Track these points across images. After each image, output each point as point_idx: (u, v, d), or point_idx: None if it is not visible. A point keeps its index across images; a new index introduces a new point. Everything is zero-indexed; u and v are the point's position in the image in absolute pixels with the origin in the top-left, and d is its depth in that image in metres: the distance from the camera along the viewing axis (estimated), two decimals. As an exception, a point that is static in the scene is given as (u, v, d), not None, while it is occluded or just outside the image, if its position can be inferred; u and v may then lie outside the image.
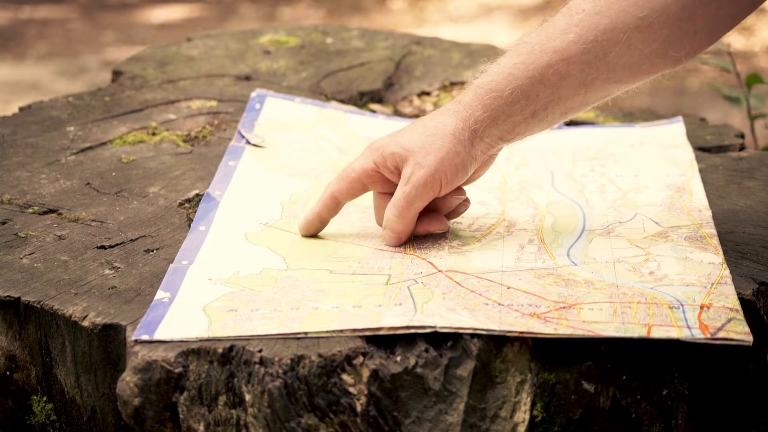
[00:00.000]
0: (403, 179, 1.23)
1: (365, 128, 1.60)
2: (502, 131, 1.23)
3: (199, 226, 1.30)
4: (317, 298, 1.13)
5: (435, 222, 1.26)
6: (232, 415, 1.06)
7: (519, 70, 1.21)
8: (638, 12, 1.18)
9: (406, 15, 5.40)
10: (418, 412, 1.05)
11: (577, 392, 1.07)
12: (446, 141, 1.21)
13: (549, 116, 1.23)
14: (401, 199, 1.23)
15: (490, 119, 1.21)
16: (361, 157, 1.26)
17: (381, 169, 1.25)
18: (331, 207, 1.27)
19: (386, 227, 1.25)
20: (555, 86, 1.20)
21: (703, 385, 1.09)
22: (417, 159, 1.22)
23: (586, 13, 1.20)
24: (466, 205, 1.28)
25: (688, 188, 1.38)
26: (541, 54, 1.20)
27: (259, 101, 1.64)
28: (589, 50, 1.19)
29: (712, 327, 1.06)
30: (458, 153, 1.21)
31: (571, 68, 1.20)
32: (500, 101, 1.21)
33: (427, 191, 1.22)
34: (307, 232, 1.28)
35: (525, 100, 1.21)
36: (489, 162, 1.27)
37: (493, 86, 1.21)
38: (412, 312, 1.08)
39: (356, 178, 1.26)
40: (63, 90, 3.91)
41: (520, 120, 1.22)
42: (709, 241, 1.23)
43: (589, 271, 1.19)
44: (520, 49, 1.22)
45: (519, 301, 1.11)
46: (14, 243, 1.27)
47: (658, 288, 1.13)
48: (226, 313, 1.10)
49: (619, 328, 1.06)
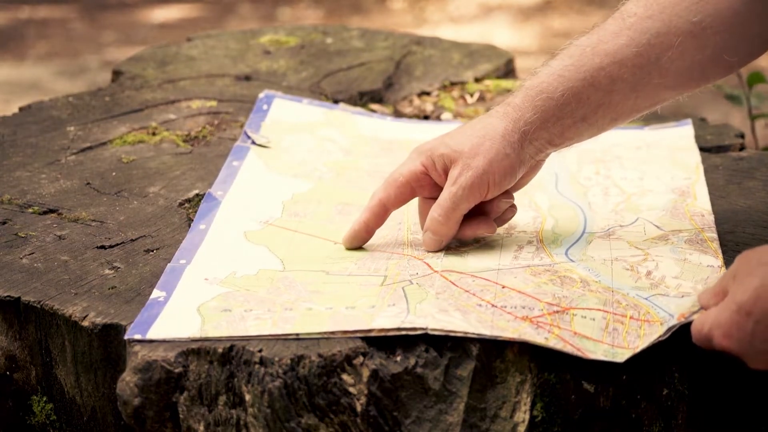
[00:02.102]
0: (450, 180, 1.21)
1: (372, 129, 1.60)
2: (552, 134, 1.21)
3: (200, 225, 1.30)
4: (311, 298, 1.13)
5: (484, 225, 1.24)
6: (232, 415, 1.06)
7: (570, 71, 1.19)
8: (691, 16, 1.17)
9: (406, 15, 5.40)
10: (418, 412, 1.05)
11: (577, 392, 1.07)
12: (495, 142, 1.20)
13: (599, 121, 1.21)
14: (447, 199, 1.21)
15: (540, 121, 1.20)
16: (408, 161, 1.24)
17: (430, 172, 1.23)
18: (380, 215, 1.24)
19: (428, 229, 1.22)
20: (606, 89, 1.19)
21: (703, 385, 1.09)
22: (465, 160, 1.20)
23: (638, 17, 1.19)
24: (513, 210, 1.25)
25: (693, 192, 1.38)
26: (593, 56, 1.19)
27: (266, 102, 1.64)
28: (641, 53, 1.18)
29: (689, 312, 1.06)
30: (507, 155, 1.20)
31: (623, 71, 1.18)
32: (551, 103, 1.19)
33: (474, 193, 1.20)
34: (352, 243, 1.25)
35: (576, 102, 1.19)
36: (536, 168, 1.25)
37: (543, 87, 1.20)
38: (405, 313, 1.08)
39: (405, 182, 1.23)
40: (63, 90, 3.91)
41: (570, 123, 1.21)
42: (710, 245, 1.23)
43: (585, 268, 1.19)
44: (571, 51, 1.21)
45: (513, 302, 1.11)
46: (14, 243, 1.27)
47: (653, 299, 1.13)
48: (220, 314, 1.10)
49: (607, 351, 1.06)
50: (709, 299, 1.04)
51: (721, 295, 1.02)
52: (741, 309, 0.98)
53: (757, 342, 0.98)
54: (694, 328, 1.03)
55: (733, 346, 0.99)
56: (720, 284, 1.03)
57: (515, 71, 1.94)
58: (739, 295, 0.99)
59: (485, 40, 3.44)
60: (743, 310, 0.98)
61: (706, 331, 1.01)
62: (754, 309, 0.97)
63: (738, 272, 1.01)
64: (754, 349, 0.98)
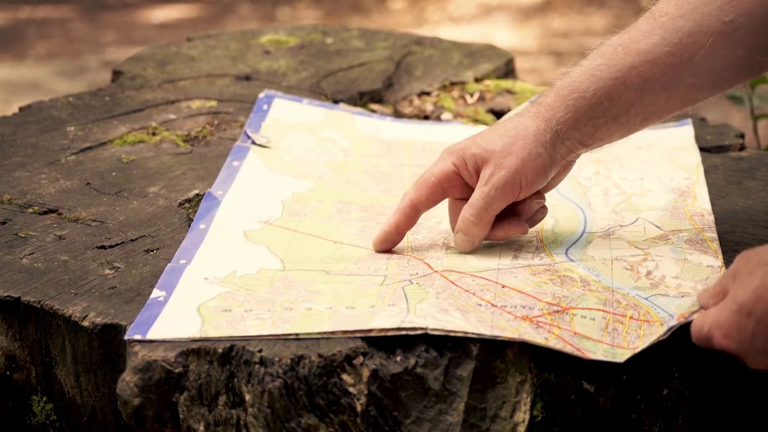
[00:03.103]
0: (482, 180, 1.20)
1: (372, 130, 1.60)
2: (583, 134, 1.21)
3: (200, 224, 1.30)
4: (311, 298, 1.13)
5: (516, 225, 1.23)
6: (232, 415, 1.06)
7: (602, 71, 1.19)
8: (723, 16, 1.17)
9: (406, 15, 5.40)
10: (418, 412, 1.05)
11: (577, 392, 1.07)
12: (528, 142, 1.19)
13: (630, 121, 1.21)
14: (479, 199, 1.20)
15: (572, 120, 1.20)
16: (439, 162, 1.23)
17: (461, 172, 1.22)
18: (411, 216, 1.23)
19: (460, 230, 1.22)
20: (638, 89, 1.19)
21: (703, 385, 1.09)
22: (497, 160, 1.19)
23: (670, 17, 1.19)
24: (544, 211, 1.25)
25: (692, 192, 1.38)
26: (624, 56, 1.19)
27: (266, 102, 1.64)
28: (673, 53, 1.18)
29: (688, 312, 1.06)
30: (539, 155, 1.19)
31: (655, 71, 1.18)
32: (583, 102, 1.19)
33: (507, 193, 1.20)
34: (383, 245, 1.24)
35: (608, 101, 1.19)
36: (567, 168, 1.25)
37: (575, 87, 1.20)
38: (405, 313, 1.08)
39: (436, 182, 1.22)
40: (63, 90, 3.91)
41: (602, 123, 1.20)
42: (710, 245, 1.23)
43: (585, 268, 1.19)
44: (603, 50, 1.21)
45: (512, 302, 1.11)
46: (14, 243, 1.27)
47: (652, 299, 1.13)
48: (220, 314, 1.10)
49: (607, 351, 1.06)
50: (708, 299, 1.04)
51: (720, 295, 1.02)
52: (741, 309, 0.98)
53: (757, 342, 0.98)
54: (693, 328, 1.03)
55: (733, 346, 0.99)
56: (720, 284, 1.03)
57: (515, 71, 1.95)
58: (739, 295, 0.99)
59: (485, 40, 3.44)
60: (743, 310, 0.98)
61: (705, 331, 1.01)
62: (755, 309, 0.97)
63: (738, 272, 1.01)
64: (755, 349, 0.98)
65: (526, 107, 1.24)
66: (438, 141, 1.58)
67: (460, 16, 5.34)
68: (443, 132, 1.62)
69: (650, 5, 1.22)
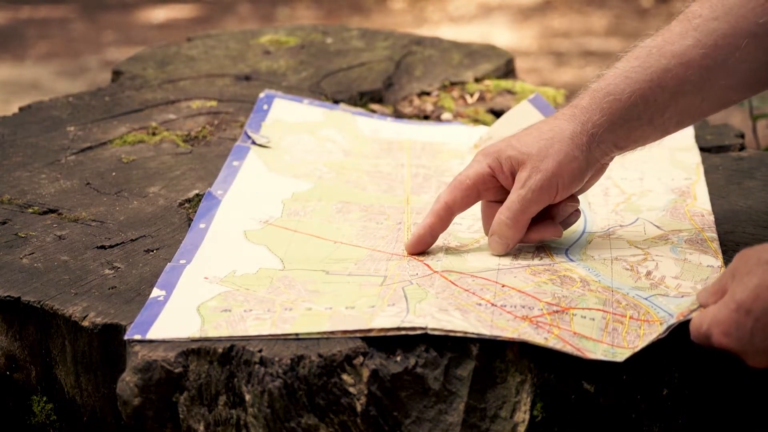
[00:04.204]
0: (518, 183, 1.20)
1: (373, 130, 1.60)
2: (618, 137, 1.21)
3: (200, 224, 1.30)
4: (311, 298, 1.13)
5: (550, 228, 1.23)
6: (232, 415, 1.06)
7: (637, 73, 1.19)
8: (757, 18, 1.17)
9: (406, 15, 5.40)
10: (418, 412, 1.05)
11: (577, 392, 1.07)
12: (564, 145, 1.19)
13: (665, 123, 1.21)
14: (516, 202, 1.19)
15: (608, 123, 1.20)
16: (474, 164, 1.23)
17: (496, 174, 1.21)
18: (445, 219, 1.23)
19: (495, 232, 1.21)
20: (673, 91, 1.19)
21: (703, 385, 1.09)
22: (534, 163, 1.19)
23: (704, 18, 1.19)
24: (578, 215, 1.25)
25: (693, 192, 1.38)
26: (659, 57, 1.19)
27: (267, 102, 1.64)
28: (708, 55, 1.18)
29: (687, 311, 1.06)
30: (576, 157, 1.19)
31: (690, 73, 1.18)
32: (618, 104, 1.19)
33: (544, 196, 1.19)
34: (416, 248, 1.23)
35: (643, 104, 1.19)
36: (601, 171, 1.25)
37: (611, 89, 1.20)
38: (404, 313, 1.08)
39: (471, 185, 1.22)
40: (63, 90, 3.91)
41: (637, 126, 1.20)
42: (710, 244, 1.23)
43: (585, 268, 1.19)
44: (637, 53, 1.21)
45: (512, 301, 1.11)
46: (14, 243, 1.27)
47: (652, 299, 1.13)
48: (220, 314, 1.10)
49: (607, 351, 1.06)
50: (707, 297, 1.04)
51: (719, 294, 1.02)
52: (740, 307, 0.98)
53: (756, 340, 0.98)
54: (692, 326, 1.03)
55: (732, 345, 0.99)
56: (719, 282, 1.03)
57: (515, 71, 1.95)
58: (738, 293, 0.99)
59: (485, 40, 3.44)
60: (742, 308, 0.98)
61: (704, 329, 1.01)
62: (754, 307, 0.97)
63: (737, 271, 1.01)
64: (753, 347, 0.98)
65: (562, 110, 1.24)
66: (438, 141, 1.58)
67: (460, 16, 5.34)
68: (443, 132, 1.62)
69: (684, 6, 1.22)
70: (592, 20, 5.21)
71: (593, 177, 1.24)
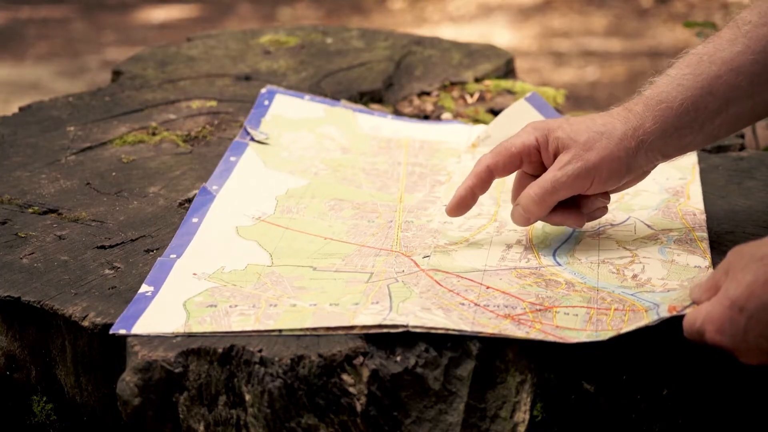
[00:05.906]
0: (557, 164, 1.21)
1: (373, 127, 1.60)
2: (668, 145, 1.22)
3: (192, 218, 1.31)
4: (297, 295, 1.13)
5: (574, 216, 1.24)
6: (232, 415, 1.06)
7: (688, 80, 1.20)
8: None
9: (406, 15, 5.40)
10: (418, 412, 1.05)
11: (577, 392, 1.07)
12: (612, 143, 1.20)
13: (716, 130, 1.22)
14: (549, 182, 1.20)
15: (659, 131, 1.20)
16: (522, 134, 1.24)
17: (541, 149, 1.22)
18: (486, 180, 1.24)
19: (521, 204, 1.22)
20: (723, 98, 1.20)
21: (703, 385, 1.09)
22: (578, 150, 1.20)
23: (753, 24, 1.20)
24: (604, 212, 1.26)
25: (686, 192, 1.38)
26: (710, 64, 1.20)
27: (268, 98, 1.64)
28: (758, 61, 1.19)
29: (680, 306, 1.06)
30: (620, 158, 1.20)
31: (740, 79, 1.19)
32: (670, 112, 1.20)
33: (577, 184, 1.20)
34: (458, 210, 1.24)
35: (694, 111, 1.20)
36: (642, 177, 1.26)
37: (663, 97, 1.21)
38: (387, 311, 1.09)
39: (516, 153, 1.23)
40: (63, 90, 3.91)
41: (687, 132, 1.21)
42: (699, 244, 1.24)
43: (571, 272, 1.19)
44: (688, 60, 1.22)
45: (495, 301, 1.12)
46: (14, 243, 1.27)
47: (638, 294, 1.13)
48: (205, 309, 1.11)
49: (591, 335, 1.06)
50: (701, 294, 1.04)
51: (713, 290, 1.02)
52: (734, 304, 0.98)
53: (749, 337, 0.98)
54: (686, 323, 1.03)
55: (726, 342, 0.99)
56: (712, 279, 1.03)
57: (515, 71, 1.95)
58: (732, 290, 0.99)
59: (485, 40, 3.44)
60: (736, 305, 0.98)
61: (698, 326, 1.01)
62: (747, 304, 0.97)
63: (731, 267, 1.01)
64: (747, 344, 0.99)
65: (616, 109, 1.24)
66: (436, 139, 1.58)
67: (460, 16, 5.34)
68: (442, 130, 1.62)
69: (734, 14, 1.23)
70: (592, 20, 5.22)
71: (632, 180, 1.25)
